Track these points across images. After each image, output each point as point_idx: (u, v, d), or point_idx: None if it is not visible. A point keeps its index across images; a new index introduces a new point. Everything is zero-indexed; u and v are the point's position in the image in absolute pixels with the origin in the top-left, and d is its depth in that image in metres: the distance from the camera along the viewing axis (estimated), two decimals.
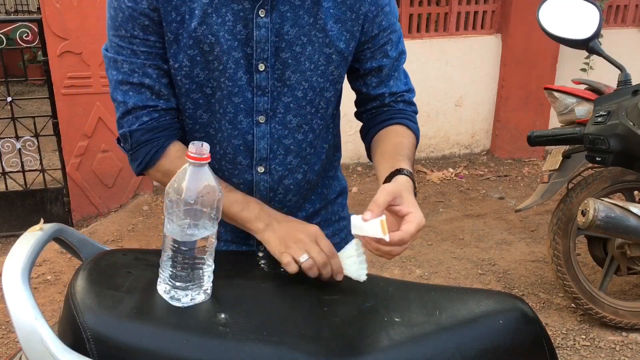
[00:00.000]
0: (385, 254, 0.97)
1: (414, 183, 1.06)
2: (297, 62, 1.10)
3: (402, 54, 1.22)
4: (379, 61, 1.18)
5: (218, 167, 1.16)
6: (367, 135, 1.25)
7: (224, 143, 1.15)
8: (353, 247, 1.02)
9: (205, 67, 1.08)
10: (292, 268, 1.00)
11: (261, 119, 1.13)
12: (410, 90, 1.25)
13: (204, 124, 1.15)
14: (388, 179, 1.06)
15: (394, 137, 1.19)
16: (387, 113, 1.23)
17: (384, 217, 0.94)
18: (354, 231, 0.98)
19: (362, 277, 1.01)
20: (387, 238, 0.93)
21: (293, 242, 1.03)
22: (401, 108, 1.23)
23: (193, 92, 1.11)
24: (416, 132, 1.23)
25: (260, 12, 1.05)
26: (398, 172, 1.06)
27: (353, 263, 1.01)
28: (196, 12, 1.04)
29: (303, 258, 1.01)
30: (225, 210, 1.08)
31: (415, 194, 1.04)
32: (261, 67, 1.09)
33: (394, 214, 0.99)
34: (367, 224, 0.94)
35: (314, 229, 1.07)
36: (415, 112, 1.26)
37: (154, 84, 1.08)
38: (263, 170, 1.18)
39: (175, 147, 1.12)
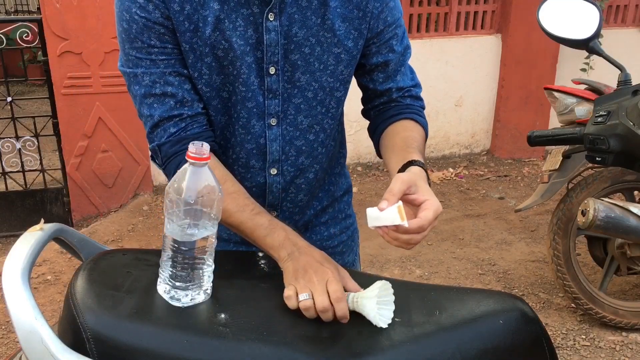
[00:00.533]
0: (404, 244, 0.94)
1: (427, 174, 1.04)
2: (306, 63, 1.10)
3: (407, 48, 1.21)
4: (384, 56, 1.17)
5: (230, 171, 1.13)
6: (376, 132, 1.24)
7: (236, 147, 1.15)
8: (376, 288, 0.93)
9: (220, 72, 1.08)
10: (290, 303, 0.94)
11: (273, 121, 1.13)
12: (417, 85, 1.25)
13: (221, 128, 1.14)
14: (401, 171, 1.04)
15: (403, 131, 1.18)
16: (395, 108, 1.22)
17: (400, 203, 0.91)
18: (370, 224, 0.93)
19: (381, 324, 0.90)
20: (405, 224, 0.90)
21: (302, 277, 0.97)
22: (409, 103, 1.22)
23: (213, 98, 1.11)
24: (425, 127, 1.22)
25: (269, 15, 1.05)
26: (410, 163, 1.05)
27: (372, 305, 0.91)
28: (209, 19, 1.04)
29: (302, 297, 0.94)
30: (249, 233, 1.06)
31: (429, 185, 1.02)
32: (272, 70, 1.09)
33: (410, 203, 0.97)
34: (383, 213, 0.91)
35: (329, 270, 0.98)
36: (423, 107, 1.25)
37: (176, 91, 1.07)
38: (275, 172, 1.18)
39: None
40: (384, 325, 0.90)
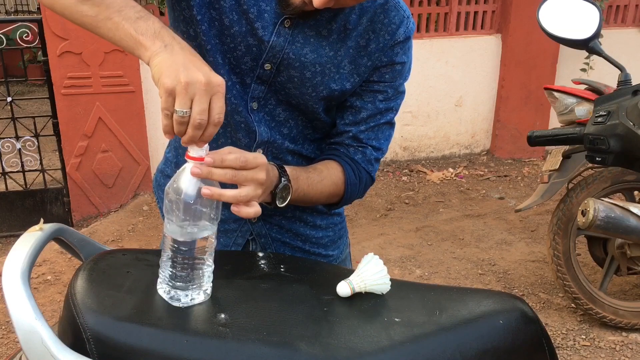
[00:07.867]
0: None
1: (281, 182, 1.02)
2: (301, 83, 1.11)
3: (388, 112, 1.18)
4: (362, 102, 1.16)
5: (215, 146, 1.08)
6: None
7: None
8: (378, 261, 0.99)
9: (217, 36, 1.07)
10: (165, 118, 0.83)
11: (254, 105, 1.13)
12: (378, 150, 1.20)
13: None
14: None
15: (317, 164, 1.16)
16: (338, 152, 1.19)
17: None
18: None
19: (386, 290, 0.99)
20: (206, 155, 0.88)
21: (185, 79, 0.82)
22: (357, 159, 1.18)
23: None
24: (348, 185, 1.16)
25: (285, 22, 1.06)
26: (281, 167, 1.04)
27: (381, 277, 0.98)
28: None
29: (180, 112, 0.82)
30: (114, 13, 0.88)
31: (275, 193, 1.01)
32: (267, 66, 1.09)
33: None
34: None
35: (221, 82, 0.85)
36: (369, 173, 1.20)
37: None
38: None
39: None
40: (387, 289, 0.98)
